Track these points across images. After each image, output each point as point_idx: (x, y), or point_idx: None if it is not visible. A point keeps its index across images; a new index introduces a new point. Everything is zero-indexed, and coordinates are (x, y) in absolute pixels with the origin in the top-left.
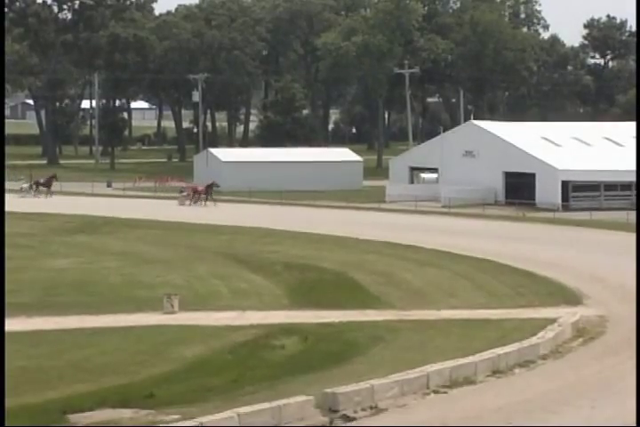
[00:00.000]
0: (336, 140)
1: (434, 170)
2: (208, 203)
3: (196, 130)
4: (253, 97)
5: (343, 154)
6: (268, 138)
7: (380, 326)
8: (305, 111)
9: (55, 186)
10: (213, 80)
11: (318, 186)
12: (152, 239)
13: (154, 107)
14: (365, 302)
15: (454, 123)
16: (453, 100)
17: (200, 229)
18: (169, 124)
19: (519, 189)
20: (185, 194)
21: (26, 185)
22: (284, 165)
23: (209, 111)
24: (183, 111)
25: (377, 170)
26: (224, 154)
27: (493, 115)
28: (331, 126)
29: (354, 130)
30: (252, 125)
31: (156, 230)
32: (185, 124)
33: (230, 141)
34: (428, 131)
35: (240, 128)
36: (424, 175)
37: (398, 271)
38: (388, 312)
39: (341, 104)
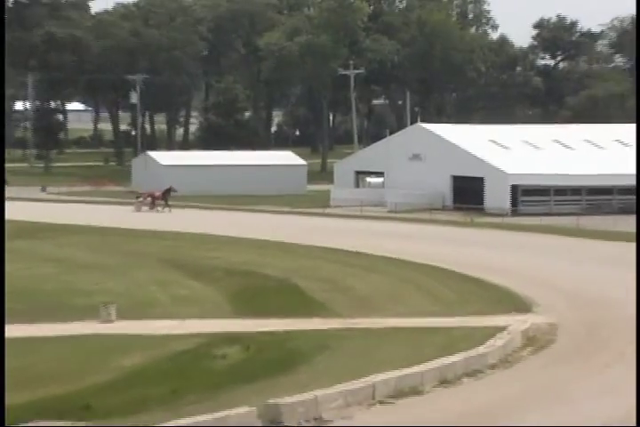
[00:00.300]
0: (279, 142)
1: (380, 174)
2: (162, 208)
3: (134, 132)
4: (194, 98)
5: (287, 157)
6: (210, 141)
7: (325, 335)
8: (247, 113)
9: None
10: (152, 81)
11: (261, 190)
12: (90, 245)
13: (90, 109)
14: (310, 309)
15: (401, 125)
16: (400, 102)
17: (141, 235)
18: (106, 126)
19: (467, 193)
20: (141, 200)
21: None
22: (226, 168)
23: (147, 113)
24: (121, 113)
25: (321, 174)
26: (163, 157)
27: (441, 117)
28: (274, 129)
29: (297, 132)
30: (192, 128)
31: (94, 236)
32: (122, 127)
33: (170, 144)
34: (373, 133)
35: (180, 131)
36: (370, 179)
37: (344, 278)
38: (334, 320)
39: (285, 106)
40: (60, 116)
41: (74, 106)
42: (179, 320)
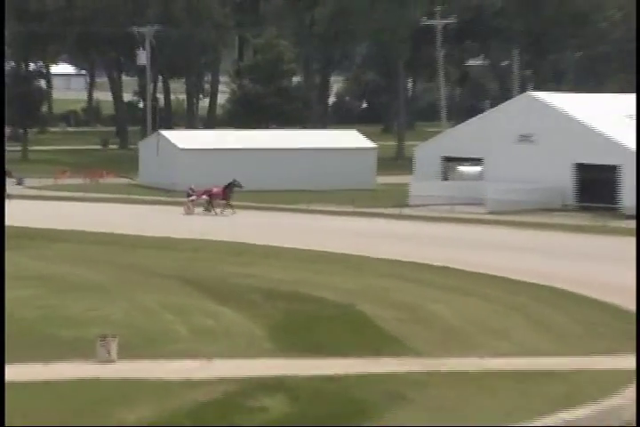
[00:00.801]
0: (339, 118)
1: (477, 161)
2: (226, 210)
3: (142, 104)
4: (223, 59)
5: (349, 139)
6: (244, 116)
7: (400, 380)
8: (295, 79)
9: None
10: (167, 35)
11: (314, 184)
12: (81, 258)
13: (83, 72)
14: (380, 346)
15: (505, 95)
16: (504, 64)
17: (149, 245)
18: (104, 96)
19: (597, 187)
20: (194, 198)
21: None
22: (266, 154)
23: (161, 79)
24: (124, 78)
25: (397, 161)
26: (182, 138)
27: (560, 84)
28: (332, 100)
29: (364, 105)
30: (221, 99)
31: (87, 245)
32: (127, 97)
33: (191, 121)
34: (468, 106)
35: (205, 103)
36: (463, 169)
37: (426, 303)
38: (412, 360)
39: (347, 69)
40: (43, 82)
41: (61, 68)
42: (202, 360)
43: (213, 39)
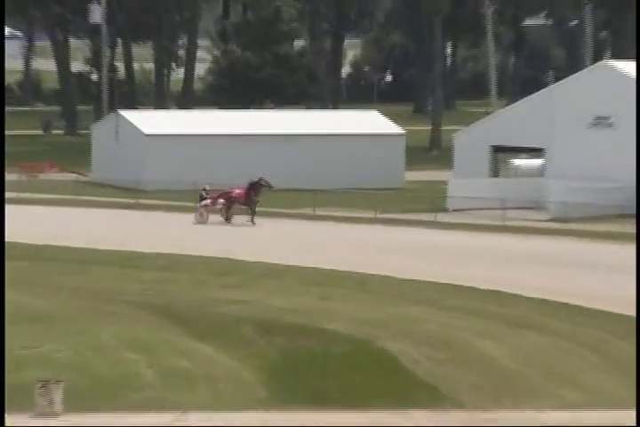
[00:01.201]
0: (356, 95)
1: (536, 152)
2: (250, 220)
3: (96, 76)
4: (203, 17)
5: (369, 122)
6: (231, 92)
7: None
8: (298, 43)
9: None
10: None
11: (323, 181)
12: (16, 278)
13: (19, 34)
14: (408, 394)
15: (575, 65)
16: (573, 24)
17: (106, 261)
18: (46, 65)
19: None
20: (208, 203)
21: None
22: (261, 142)
23: (120, 42)
24: (72, 42)
25: (431, 153)
26: (149, 121)
27: None
28: (346, 71)
29: (388, 77)
30: (200, 69)
31: (23, 262)
32: (76, 66)
33: (160, 98)
34: (526, 79)
35: (179, 74)
36: (518, 162)
37: (469, 338)
38: (452, 415)
39: (365, 30)
40: None
41: None
42: (175, 413)
43: None
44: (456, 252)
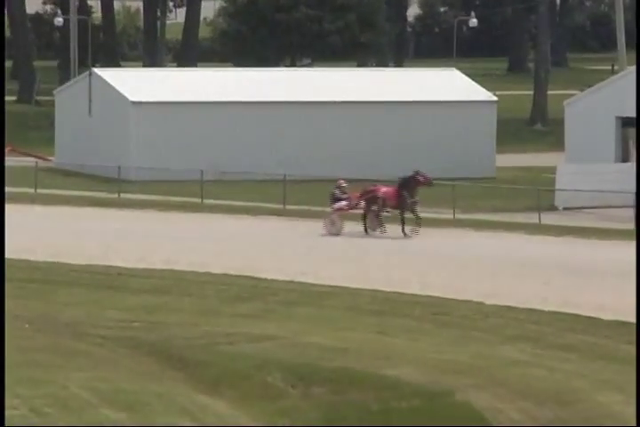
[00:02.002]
0: (426, 47)
1: None
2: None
3: (61, 20)
4: None
5: (448, 84)
6: (251, 42)
7: None
8: None
9: None
10: None
11: (382, 169)
12: None
13: None
14: None
15: None
16: None
17: (75, 280)
18: None
19: None
20: (342, 206)
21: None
22: (294, 112)
23: (3, 41)
24: None
25: (534, 126)
26: (135, 84)
27: None
28: (413, 12)
29: (473, 21)
30: (206, 10)
31: None
32: (33, 7)
33: (152, 51)
34: None
35: (179, 17)
36: None
37: (591, 390)
38: None
39: None
40: None
41: None
42: None
43: None
44: (570, 268)
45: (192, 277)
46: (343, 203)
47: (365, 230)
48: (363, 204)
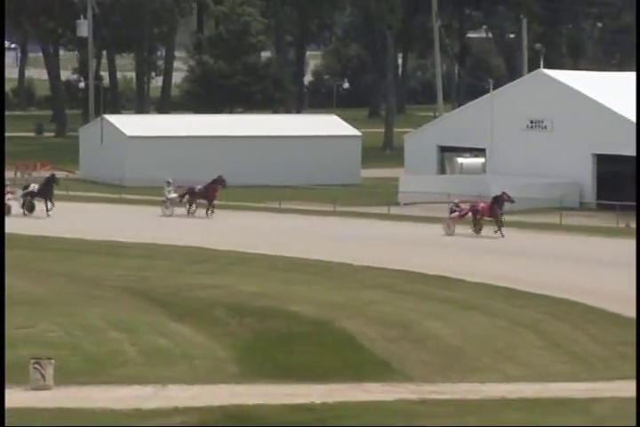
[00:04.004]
0: (317, 101)
1: (479, 152)
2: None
3: (83, 84)
4: (180, 31)
5: (329, 125)
6: (205, 98)
7: (388, 410)
8: (265, 54)
9: None
10: (113, 2)
11: (288, 178)
12: (11, 265)
13: (13, 46)
14: (365, 369)
15: (513, 73)
16: (511, 36)
17: (92, 250)
18: (38, 73)
19: (621, 182)
20: (455, 216)
21: (173, 195)
22: (231, 143)
23: (105, 54)
24: (62, 53)
25: (384, 152)
26: (130, 124)
27: (578, 60)
28: (308, 79)
29: (346, 85)
30: (176, 77)
31: (16, 251)
32: (65, 75)
33: (141, 104)
34: (469, 87)
35: (158, 82)
36: (462, 160)
37: (420, 319)
38: (404, 387)
39: (326, 42)
40: None
41: None
42: (155, 387)
43: (168, 7)
44: (407, 242)
45: (167, 248)
46: (455, 214)
47: (478, 231)
48: (469, 214)
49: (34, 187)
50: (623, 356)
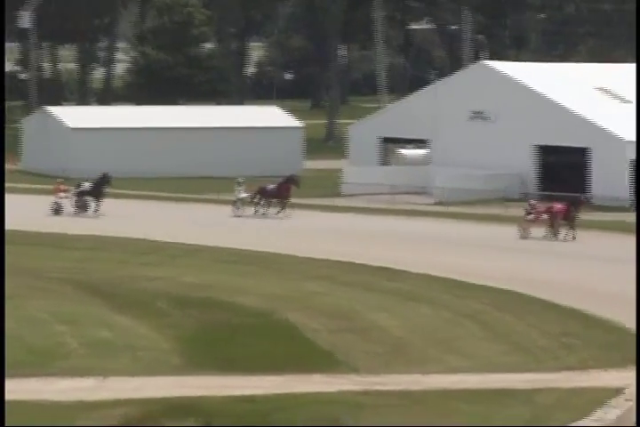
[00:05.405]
0: (260, 92)
1: (422, 143)
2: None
3: (24, 75)
4: (122, 22)
5: (271, 116)
6: (147, 89)
7: (332, 402)
8: (208, 46)
9: None
10: None
11: (231, 169)
12: None
13: None
14: (308, 361)
15: (456, 65)
16: (454, 27)
17: (37, 242)
18: None
19: (562, 174)
20: (530, 218)
21: (244, 195)
22: (174, 134)
23: (46, 45)
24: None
25: (327, 143)
26: (73, 116)
27: (520, 51)
28: (251, 70)
29: (289, 76)
30: (119, 69)
31: None
32: (6, 67)
33: (83, 95)
34: (411, 78)
35: (100, 73)
36: (405, 152)
37: (363, 310)
38: (346, 378)
39: (269, 34)
40: None
41: None
42: (97, 379)
43: None
44: (350, 232)
45: (109, 239)
46: (531, 216)
47: (554, 234)
48: (545, 216)
49: (85, 185)
50: (566, 346)
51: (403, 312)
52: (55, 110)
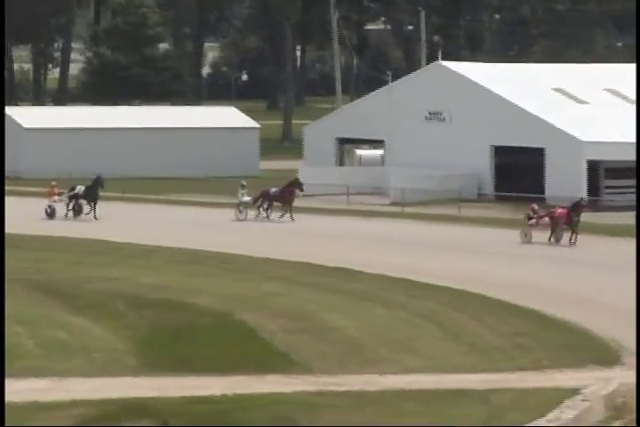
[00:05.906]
0: (215, 93)
1: (378, 143)
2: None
3: None
4: (77, 22)
5: (227, 117)
6: (102, 89)
7: (288, 402)
8: (163, 46)
9: None
10: None
11: (187, 170)
12: None
13: None
14: (264, 361)
15: (411, 65)
16: (410, 28)
17: None
18: None
19: (518, 174)
20: (532, 223)
21: (247, 198)
22: (130, 135)
23: (3, 45)
24: None
25: (283, 143)
26: (27, 116)
27: (476, 52)
28: (206, 71)
29: (244, 77)
30: (74, 69)
31: None
32: None
33: (38, 95)
34: (367, 78)
35: (55, 73)
36: (361, 152)
37: (319, 311)
38: (303, 379)
39: (224, 34)
40: None
41: None
42: (52, 379)
43: None
44: (306, 233)
45: (65, 240)
46: (533, 221)
47: (556, 240)
48: (547, 220)
49: (79, 189)
50: (521, 347)
51: (359, 313)
52: (10, 110)
